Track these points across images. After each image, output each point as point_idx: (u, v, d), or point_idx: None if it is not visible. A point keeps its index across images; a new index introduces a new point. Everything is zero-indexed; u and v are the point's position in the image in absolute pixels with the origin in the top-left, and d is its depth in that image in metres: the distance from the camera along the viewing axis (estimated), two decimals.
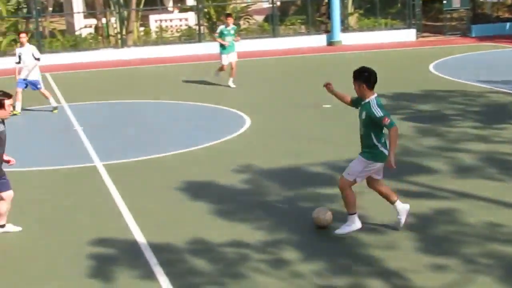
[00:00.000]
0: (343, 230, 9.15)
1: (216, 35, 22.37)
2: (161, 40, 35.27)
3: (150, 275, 8.27)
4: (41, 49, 32.88)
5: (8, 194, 9.84)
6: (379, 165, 9.04)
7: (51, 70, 28.82)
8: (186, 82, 24.02)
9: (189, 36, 35.47)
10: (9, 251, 9.41)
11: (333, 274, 8.11)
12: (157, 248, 9.04)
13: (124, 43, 34.11)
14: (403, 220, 9.27)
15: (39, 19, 34.07)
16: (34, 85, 19.36)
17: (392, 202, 9.31)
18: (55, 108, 19.43)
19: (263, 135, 15.65)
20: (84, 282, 8.23)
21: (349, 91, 8.93)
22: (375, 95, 9.01)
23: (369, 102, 8.93)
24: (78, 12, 37.85)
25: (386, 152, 8.91)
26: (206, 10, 36.29)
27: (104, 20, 36.33)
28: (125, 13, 35.17)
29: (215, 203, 10.78)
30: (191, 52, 32.73)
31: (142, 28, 36.73)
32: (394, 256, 8.52)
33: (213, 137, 15.34)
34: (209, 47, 32.54)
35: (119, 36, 34.67)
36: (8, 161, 9.93)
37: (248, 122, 16.75)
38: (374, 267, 8.24)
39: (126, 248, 9.21)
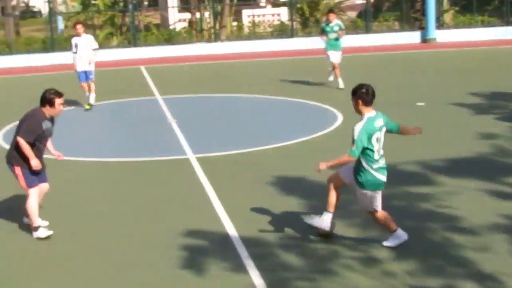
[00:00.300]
0: (391, 242, 8.71)
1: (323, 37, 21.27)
2: (253, 35, 35.43)
3: (241, 268, 8.31)
4: (136, 42, 33.59)
5: (44, 186, 9.93)
6: (375, 192, 8.57)
7: (146, 63, 29.34)
8: (278, 77, 24.04)
9: (281, 31, 35.52)
10: (103, 239, 9.59)
11: (426, 275, 7.98)
12: (248, 242, 9.08)
13: (217, 38, 34.41)
14: (310, 221, 8.97)
15: (135, 13, 34.67)
16: (87, 75, 19.30)
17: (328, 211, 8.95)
18: (91, 105, 19.35)
19: None
20: (175, 272, 8.33)
21: (440, 91, 8.73)
22: (372, 114, 8.55)
23: (361, 119, 8.51)
24: (173, 7, 38.43)
25: (381, 177, 8.50)
26: (299, 5, 36.26)
27: (198, 15, 36.73)
28: (219, 7, 35.48)
29: (307, 198, 10.77)
30: (283, 47, 32.76)
31: (235, 23, 37.00)
32: (489, 259, 8.33)
33: (305, 132, 15.31)
34: (302, 43, 32.58)
35: (212, 30, 35.00)
36: (58, 155, 10.07)
37: (340, 118, 16.66)
38: (468, 269, 8.07)
39: (217, 241, 9.28)
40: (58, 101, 9.55)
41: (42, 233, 9.62)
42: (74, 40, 19.22)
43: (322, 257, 8.58)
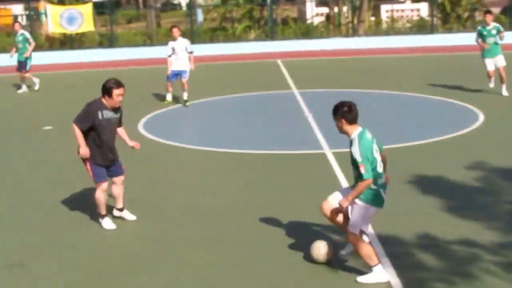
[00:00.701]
0: (367, 278, 7.86)
1: (475, 37, 19.34)
2: (392, 30, 34.98)
3: None
4: (273, 36, 33.80)
5: (118, 180, 9.90)
6: (375, 209, 7.96)
7: (283, 57, 29.47)
8: (417, 74, 23.63)
9: (421, 27, 34.92)
10: (237, 230, 9.67)
11: None
12: (385, 240, 8.94)
13: (355, 32, 34.18)
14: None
15: (273, 7, 34.88)
16: (180, 74, 19.24)
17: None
18: (187, 101, 19.28)
19: (497, 131, 15.05)
20: (311, 267, 8.29)
21: None
22: (360, 130, 7.96)
23: (352, 140, 7.92)
24: (311, 1, 38.43)
25: (383, 194, 7.93)
26: (439, 1, 35.50)
27: (336, 9, 36.59)
28: (358, 2, 35.22)
29: (446, 198, 10.49)
30: (422, 43, 32.17)
31: (373, 18, 36.68)
32: None
33: (444, 131, 14.96)
34: (442, 39, 31.91)
35: (350, 25, 34.80)
36: (134, 146, 10.00)
37: (481, 117, 16.18)
38: None
39: None
40: (116, 91, 9.34)
41: (106, 223, 9.76)
42: (171, 44, 19.32)
43: (461, 259, 8.34)
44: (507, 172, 11.88)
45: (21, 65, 22.63)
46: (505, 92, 18.99)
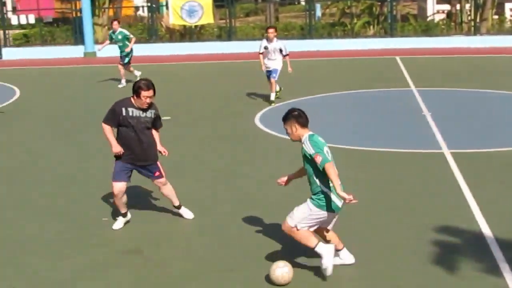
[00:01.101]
0: (325, 264, 7.78)
1: None
2: None
3: (495, 271, 7.96)
4: (393, 33, 33.37)
5: (158, 181, 9.80)
6: (326, 214, 7.81)
7: (402, 54, 29.07)
8: None
9: None
10: (350, 227, 9.57)
11: None
12: (504, 244, 8.67)
13: (477, 31, 33.35)
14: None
15: (393, 3, 34.40)
16: (270, 73, 19.00)
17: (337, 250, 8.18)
18: (273, 101, 18.95)
19: None
20: (426, 268, 8.14)
21: None
22: (309, 132, 7.97)
23: (303, 142, 7.89)
24: None
25: (337, 201, 7.80)
26: None
27: (458, 6, 35.75)
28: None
29: None
30: None
31: (496, 16, 35.66)
32: None
33: None
34: None
35: (472, 23, 33.96)
36: (162, 152, 9.83)
37: None
38: None
39: (470, 239, 8.96)
40: (144, 93, 9.31)
41: (117, 223, 9.75)
42: (264, 43, 19.12)
43: None
44: None
45: (122, 59, 23.22)
46: None
